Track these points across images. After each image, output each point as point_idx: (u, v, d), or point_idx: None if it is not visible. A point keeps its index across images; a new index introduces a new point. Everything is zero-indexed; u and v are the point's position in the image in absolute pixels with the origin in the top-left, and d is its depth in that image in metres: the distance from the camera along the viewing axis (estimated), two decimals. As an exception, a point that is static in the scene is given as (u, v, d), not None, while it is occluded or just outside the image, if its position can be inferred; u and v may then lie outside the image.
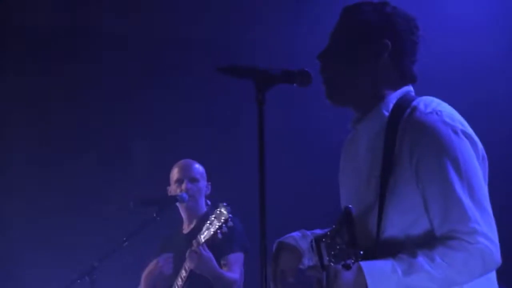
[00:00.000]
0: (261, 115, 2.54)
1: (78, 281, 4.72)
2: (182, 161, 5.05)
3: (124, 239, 4.77)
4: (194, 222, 4.93)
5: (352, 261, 2.19)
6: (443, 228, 2.36)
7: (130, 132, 6.16)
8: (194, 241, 4.57)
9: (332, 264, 2.27)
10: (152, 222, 4.80)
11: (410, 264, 2.29)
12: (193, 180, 4.90)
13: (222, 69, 2.56)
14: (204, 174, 5.00)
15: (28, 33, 6.05)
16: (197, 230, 4.68)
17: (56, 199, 6.10)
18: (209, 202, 4.97)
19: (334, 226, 2.22)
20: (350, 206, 2.19)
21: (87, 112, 6.09)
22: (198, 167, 4.98)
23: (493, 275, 2.51)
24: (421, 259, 2.29)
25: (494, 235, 2.37)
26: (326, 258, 2.27)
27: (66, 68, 6.05)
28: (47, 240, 6.02)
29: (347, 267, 2.18)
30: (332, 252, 2.24)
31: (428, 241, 2.36)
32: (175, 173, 4.99)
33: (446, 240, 2.33)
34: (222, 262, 4.70)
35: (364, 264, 2.27)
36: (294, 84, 2.59)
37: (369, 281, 2.25)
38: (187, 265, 4.62)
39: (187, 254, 4.59)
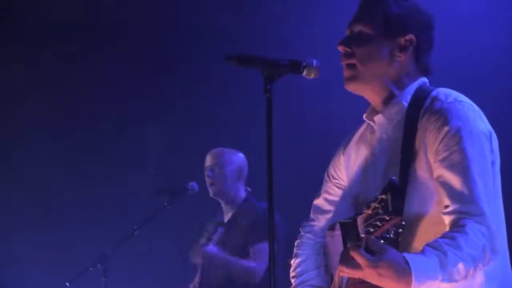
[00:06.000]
0: (270, 105, 2.57)
1: (91, 268, 4.77)
2: None
3: (135, 227, 4.81)
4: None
5: (392, 234, 2.19)
6: (457, 206, 2.39)
7: (143, 121, 6.18)
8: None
9: (370, 235, 2.24)
10: (163, 211, 4.84)
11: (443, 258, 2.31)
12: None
13: (230, 58, 2.59)
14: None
15: (36, 24, 6.09)
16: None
17: (67, 188, 6.13)
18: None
19: (376, 198, 2.19)
20: (394, 178, 2.16)
21: (98, 102, 6.12)
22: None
23: (507, 264, 2.57)
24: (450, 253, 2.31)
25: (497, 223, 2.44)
26: (363, 230, 2.24)
27: (82, 55, 6.10)
28: (59, 229, 6.06)
29: (386, 240, 2.20)
30: (371, 223, 2.21)
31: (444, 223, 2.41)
32: None
33: (462, 227, 2.35)
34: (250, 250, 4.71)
35: (408, 256, 2.28)
36: (302, 75, 2.63)
37: (413, 268, 2.26)
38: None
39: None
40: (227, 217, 4.96)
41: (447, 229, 2.41)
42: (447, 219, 2.41)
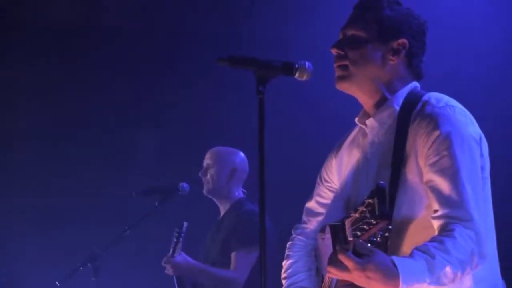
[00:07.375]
0: (262, 106, 2.57)
1: (81, 268, 4.78)
2: None
3: (126, 227, 4.82)
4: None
5: (379, 238, 2.21)
6: (446, 211, 2.40)
7: (134, 122, 6.18)
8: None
9: (358, 238, 2.25)
10: (154, 212, 4.84)
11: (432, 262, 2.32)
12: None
13: (223, 60, 2.59)
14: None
15: (36, 24, 6.10)
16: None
17: (67, 188, 6.14)
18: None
19: (363, 202, 2.21)
20: (382, 182, 2.18)
21: (98, 102, 6.13)
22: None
23: (496, 269, 2.58)
24: (438, 257, 2.32)
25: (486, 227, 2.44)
26: (351, 233, 2.26)
27: (82, 55, 6.10)
28: (51, 229, 6.06)
29: (373, 244, 2.22)
30: (359, 226, 2.22)
31: (433, 227, 2.41)
32: None
33: (450, 232, 2.36)
34: (231, 256, 4.64)
35: (396, 259, 2.30)
36: (294, 77, 2.62)
37: (401, 271, 2.27)
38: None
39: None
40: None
41: (436, 233, 2.41)
42: (436, 224, 2.42)
